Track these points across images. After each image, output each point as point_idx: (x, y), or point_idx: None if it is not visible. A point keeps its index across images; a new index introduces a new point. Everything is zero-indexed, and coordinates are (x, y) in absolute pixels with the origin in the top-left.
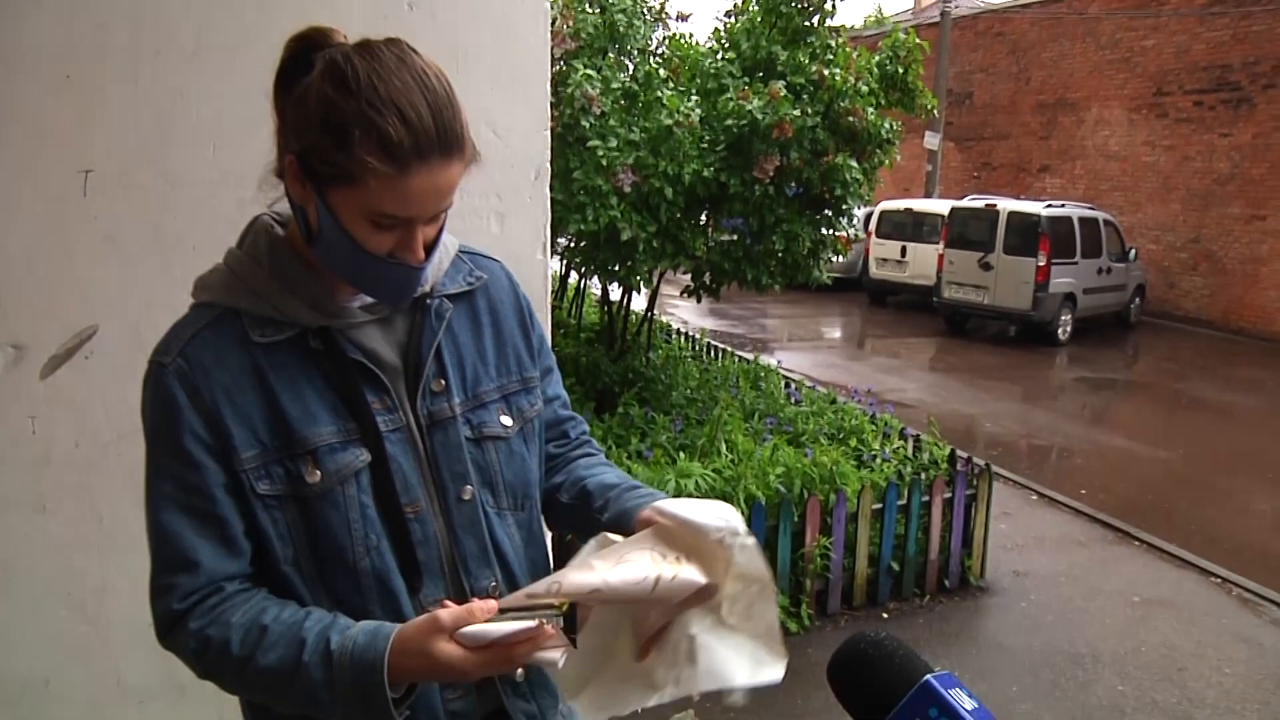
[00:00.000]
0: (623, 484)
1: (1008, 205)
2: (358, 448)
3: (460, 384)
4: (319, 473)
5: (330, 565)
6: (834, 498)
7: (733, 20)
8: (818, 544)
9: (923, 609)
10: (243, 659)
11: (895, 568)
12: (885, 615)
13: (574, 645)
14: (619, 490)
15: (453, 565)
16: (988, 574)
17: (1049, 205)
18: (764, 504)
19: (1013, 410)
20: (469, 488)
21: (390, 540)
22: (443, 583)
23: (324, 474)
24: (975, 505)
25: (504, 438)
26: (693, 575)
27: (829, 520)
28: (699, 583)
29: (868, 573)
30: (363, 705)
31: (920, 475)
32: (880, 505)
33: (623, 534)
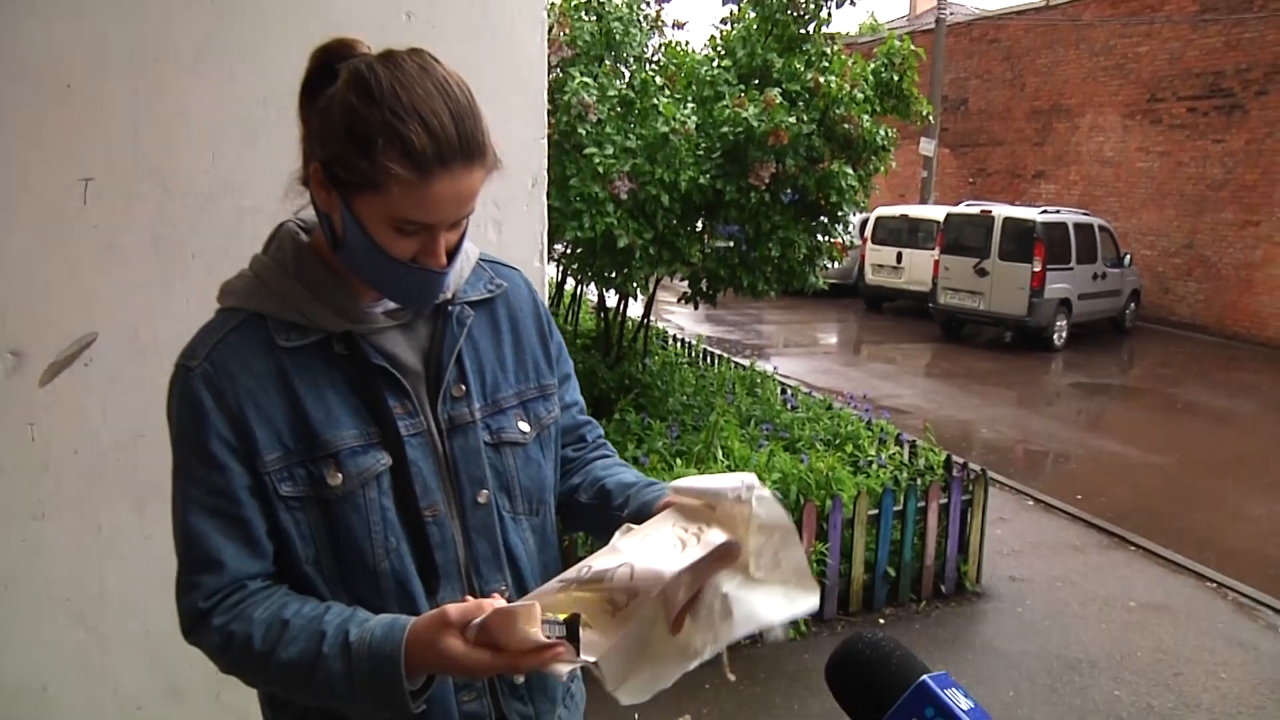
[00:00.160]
0: (640, 481)
1: (1003, 211)
2: (379, 451)
3: (480, 389)
4: (341, 475)
5: (350, 566)
6: (830, 504)
7: (729, 28)
8: (814, 550)
9: (919, 614)
10: (264, 653)
11: (891, 573)
12: (881, 621)
13: (577, 654)
14: (638, 487)
15: (467, 568)
16: (984, 579)
17: (1044, 211)
18: None
19: (1008, 416)
20: (485, 492)
21: (409, 543)
22: (460, 585)
23: (345, 477)
24: (971, 511)
25: (521, 444)
26: (716, 537)
27: (825, 526)
28: (723, 541)
29: (864, 578)
30: (381, 696)
31: (916, 481)
32: (876, 511)
33: None
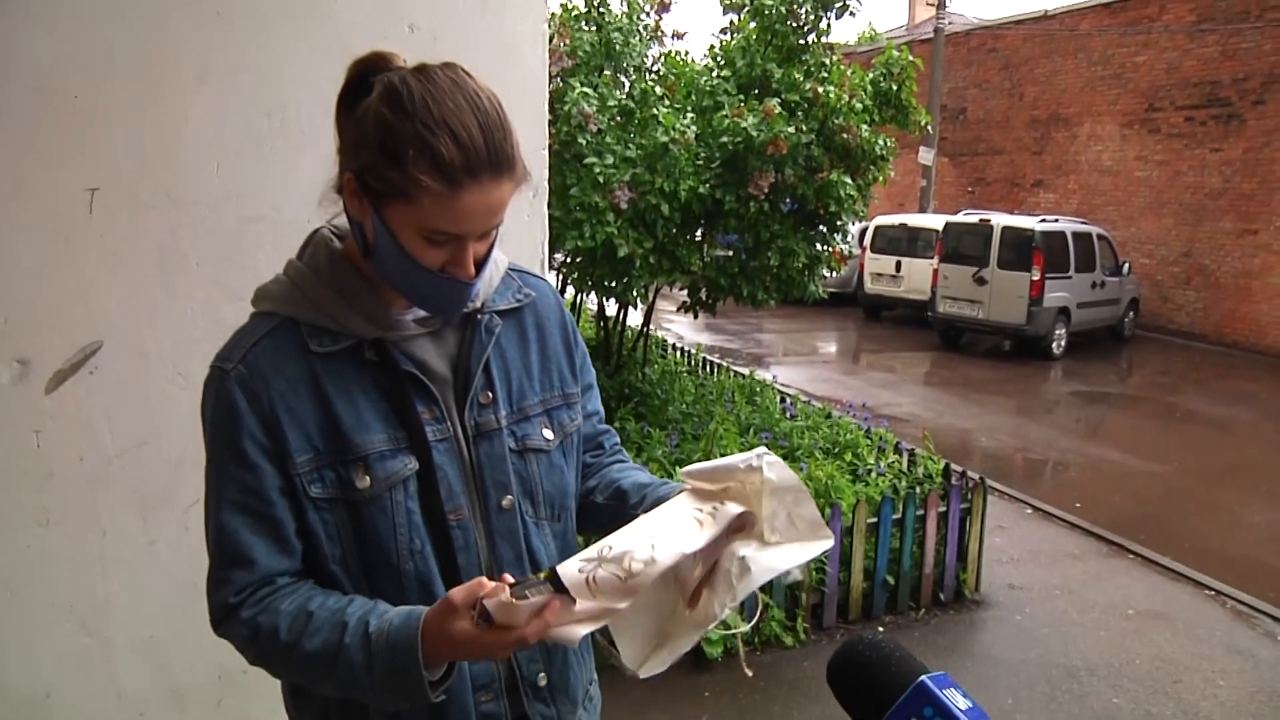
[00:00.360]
0: (655, 481)
1: (1002, 220)
2: (406, 455)
3: (507, 397)
4: (369, 478)
5: (375, 566)
6: (829, 512)
7: (728, 38)
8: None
9: (918, 623)
10: (289, 644)
11: (890, 581)
12: (881, 629)
13: (572, 600)
14: (653, 486)
15: (489, 571)
16: (983, 588)
17: (1043, 220)
18: None
19: (1007, 424)
20: (509, 497)
21: (433, 545)
22: None
23: (373, 480)
24: (970, 519)
25: (545, 450)
26: (732, 509)
27: None
28: (738, 512)
29: (863, 586)
30: (400, 686)
31: (915, 489)
32: (875, 519)
33: None
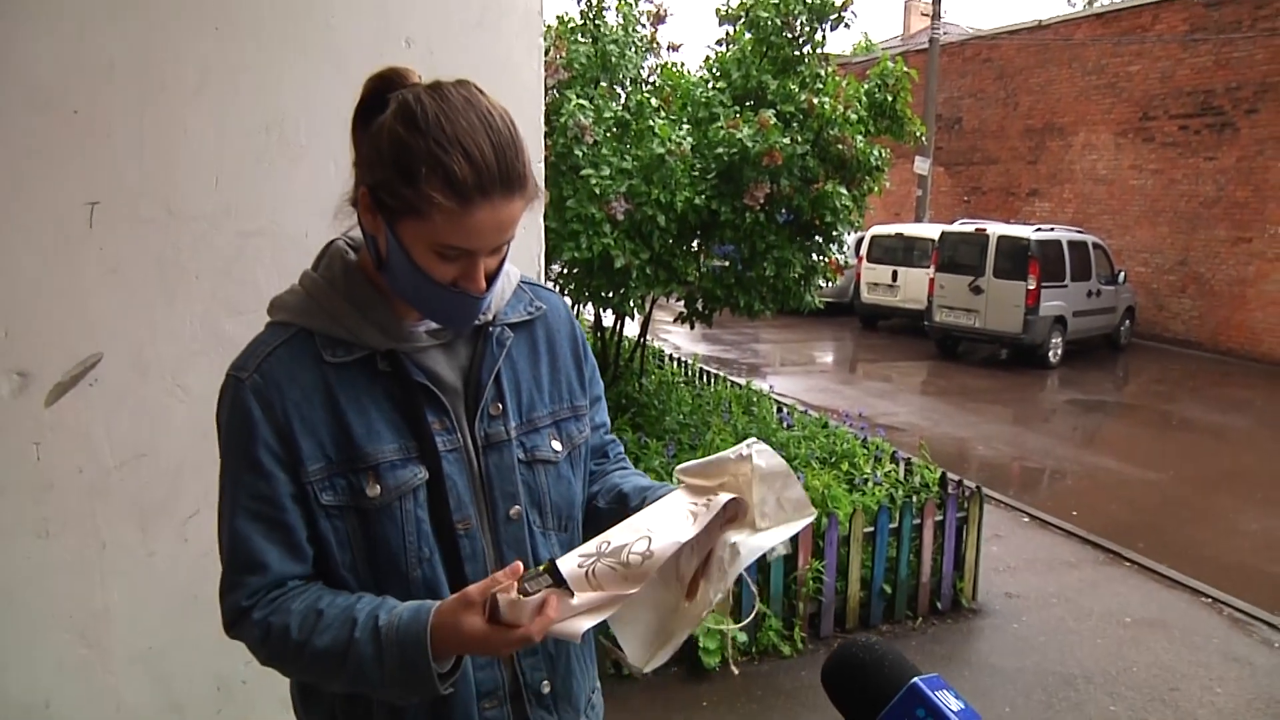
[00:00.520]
0: (655, 485)
1: (997, 229)
2: (416, 465)
3: (516, 409)
4: (379, 487)
5: (384, 573)
6: (826, 521)
7: (723, 49)
8: (810, 567)
9: (915, 631)
10: (300, 642)
11: (887, 590)
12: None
13: (570, 593)
14: (653, 489)
15: None
16: (979, 596)
17: (1038, 229)
18: None
19: (1004, 433)
20: (517, 507)
21: (441, 554)
22: None
23: (384, 489)
24: (966, 528)
25: (554, 462)
26: (723, 498)
27: (821, 544)
28: (729, 499)
29: (860, 595)
30: (409, 678)
31: (912, 498)
32: (872, 528)
33: None
